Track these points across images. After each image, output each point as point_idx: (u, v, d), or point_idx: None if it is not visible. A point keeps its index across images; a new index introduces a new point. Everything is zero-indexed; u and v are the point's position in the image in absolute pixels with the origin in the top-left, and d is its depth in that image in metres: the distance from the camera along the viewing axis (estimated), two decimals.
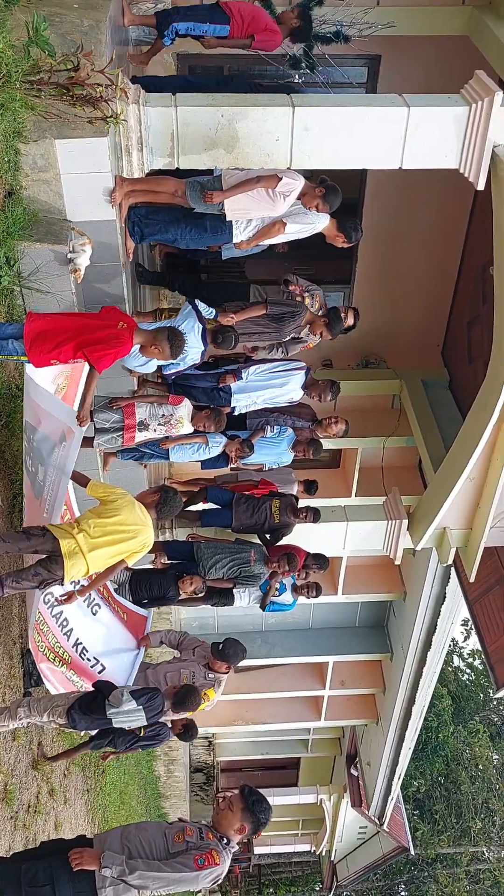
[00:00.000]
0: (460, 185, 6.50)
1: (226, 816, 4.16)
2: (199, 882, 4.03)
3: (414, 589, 11.33)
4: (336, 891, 22.26)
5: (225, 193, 5.67)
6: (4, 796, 5.21)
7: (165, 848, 4.06)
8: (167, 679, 6.34)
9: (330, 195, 5.74)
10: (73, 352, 4.52)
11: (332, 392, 7.09)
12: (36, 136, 5.02)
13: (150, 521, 4.97)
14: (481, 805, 23.68)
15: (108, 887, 3.92)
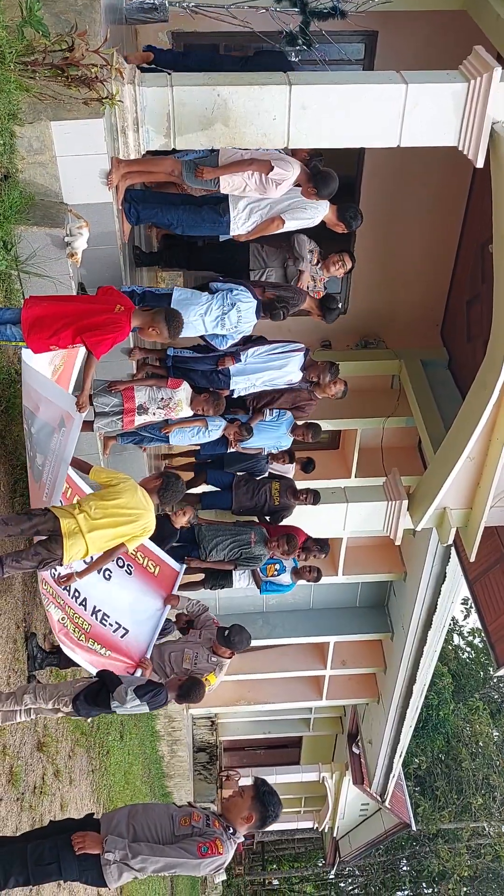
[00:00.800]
0: (459, 163, 6.45)
1: (235, 804, 4.21)
2: (202, 870, 4.07)
3: (414, 569, 11.37)
4: (339, 866, 22.57)
5: (216, 171, 5.64)
6: (10, 778, 5.25)
7: (171, 830, 4.10)
8: (171, 659, 6.37)
9: (322, 188, 5.70)
10: (72, 337, 4.51)
11: (332, 373, 7.07)
12: (31, 118, 4.97)
13: (151, 506, 4.99)
14: (482, 781, 23.93)
15: (113, 865, 3.98)
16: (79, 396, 4.75)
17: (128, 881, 4.18)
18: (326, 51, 7.03)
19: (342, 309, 9.33)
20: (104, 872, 3.97)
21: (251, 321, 6.33)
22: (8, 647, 5.40)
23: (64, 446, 5.05)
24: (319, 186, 5.69)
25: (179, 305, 6.09)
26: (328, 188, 5.72)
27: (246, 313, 6.23)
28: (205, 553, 7.30)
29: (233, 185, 5.73)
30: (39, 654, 5.79)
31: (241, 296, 6.22)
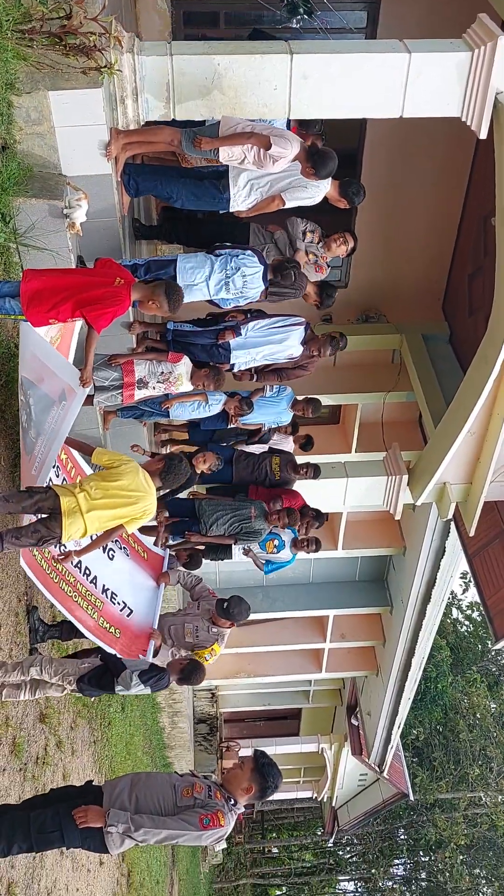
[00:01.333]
0: (462, 134, 6.38)
1: (235, 775, 4.26)
2: (203, 840, 4.13)
3: (414, 543, 11.42)
4: (337, 835, 22.92)
5: (214, 142, 5.56)
6: (13, 749, 5.31)
7: (173, 801, 4.15)
8: (171, 633, 6.41)
9: (321, 169, 5.62)
10: (71, 311, 4.48)
11: (332, 346, 7.03)
12: (29, 88, 4.90)
13: (153, 489, 4.97)
14: (479, 752, 24.23)
15: (115, 835, 4.03)
16: (82, 371, 4.73)
17: (129, 847, 4.26)
18: (328, 19, 6.93)
19: (344, 282, 9.29)
20: (106, 840, 4.03)
21: (257, 286, 6.26)
22: (10, 620, 5.44)
23: (62, 421, 5.02)
24: (318, 167, 5.61)
25: (184, 271, 6.06)
26: (326, 168, 5.64)
27: (251, 278, 6.17)
28: (205, 527, 7.31)
29: (232, 156, 5.67)
30: (41, 626, 5.83)
31: (247, 260, 6.16)
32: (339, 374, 9.05)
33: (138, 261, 6.17)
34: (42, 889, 5.78)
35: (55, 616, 6.25)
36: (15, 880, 5.16)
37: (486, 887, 26.09)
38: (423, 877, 28.56)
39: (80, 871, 7.07)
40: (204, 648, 6.29)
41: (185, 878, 18.18)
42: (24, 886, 5.35)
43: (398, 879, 29.95)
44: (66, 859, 6.54)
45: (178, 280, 6.01)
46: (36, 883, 5.64)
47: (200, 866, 22.70)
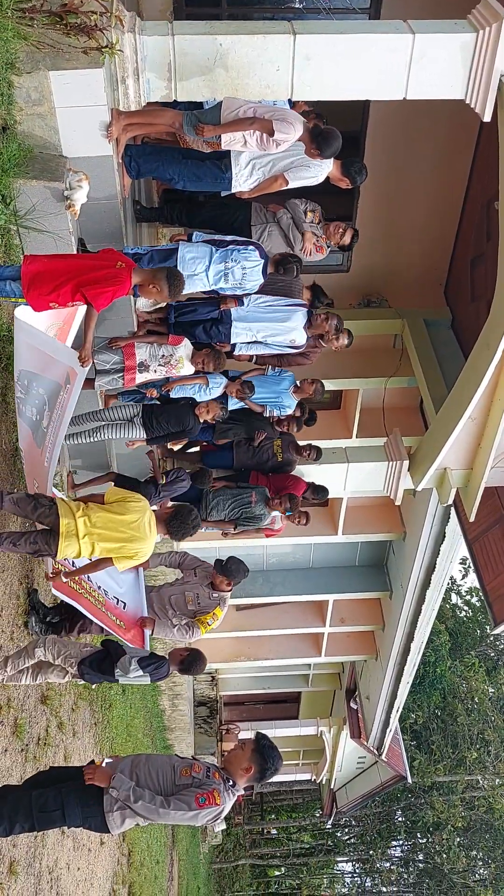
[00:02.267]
0: (465, 118, 6.33)
1: (236, 756, 4.29)
2: (199, 820, 4.16)
3: (414, 529, 11.44)
4: (335, 817, 23.11)
5: (216, 129, 5.52)
6: (15, 730, 5.35)
7: (172, 780, 4.19)
8: (171, 602, 6.37)
9: (325, 149, 5.58)
10: (72, 293, 4.46)
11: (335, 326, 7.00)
12: (29, 68, 4.86)
13: (154, 536, 5.00)
14: (477, 736, 24.40)
15: (115, 811, 4.08)
16: (81, 350, 4.72)
17: (130, 828, 4.28)
18: None
19: (345, 266, 9.25)
20: (107, 819, 4.08)
21: (257, 280, 6.28)
22: (11, 602, 5.47)
23: (66, 404, 5.02)
24: (322, 147, 5.56)
25: (184, 261, 6.04)
26: (331, 148, 5.60)
27: (251, 271, 6.19)
28: (205, 512, 7.33)
29: (233, 140, 5.63)
30: (41, 608, 5.84)
31: (248, 254, 6.17)
32: (340, 359, 9.00)
33: (139, 249, 6.15)
34: (44, 868, 5.84)
35: (56, 599, 6.28)
36: (17, 859, 5.22)
37: (483, 869, 26.38)
38: (421, 858, 28.88)
39: (81, 851, 7.14)
40: (206, 614, 6.29)
41: (185, 858, 18.37)
42: (25, 865, 5.41)
43: (395, 861, 30.29)
44: (67, 839, 6.61)
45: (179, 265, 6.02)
46: (37, 862, 5.70)
47: (200, 847, 22.93)
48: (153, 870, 11.85)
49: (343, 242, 6.82)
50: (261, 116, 5.53)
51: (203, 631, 6.27)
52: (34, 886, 5.58)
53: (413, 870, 29.44)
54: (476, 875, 26.15)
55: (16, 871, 5.16)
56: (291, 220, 6.68)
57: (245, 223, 6.73)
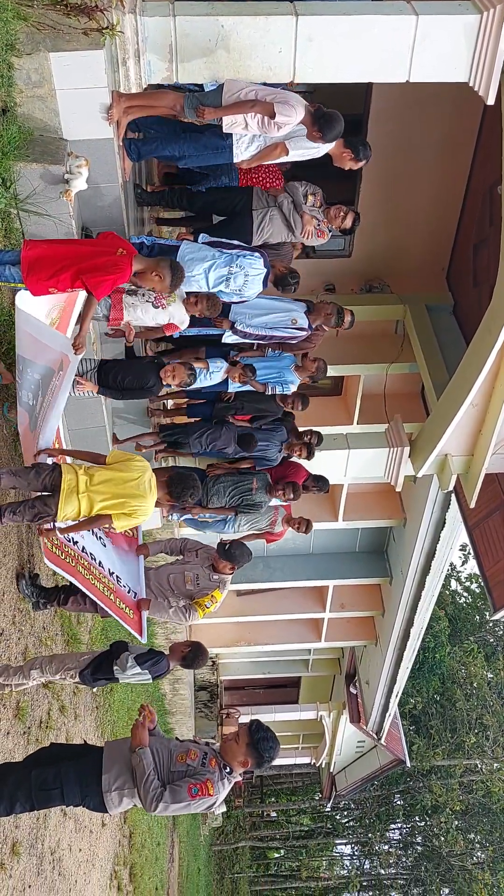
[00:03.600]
0: (469, 101, 6.28)
1: (231, 748, 4.26)
2: (191, 809, 4.18)
3: (414, 515, 11.46)
4: (335, 800, 23.29)
5: (217, 112, 5.44)
6: (17, 713, 5.39)
7: (167, 766, 4.20)
8: (171, 582, 6.34)
9: (328, 132, 5.50)
10: (72, 279, 4.44)
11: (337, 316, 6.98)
12: (29, 49, 4.81)
13: (154, 496, 4.99)
14: (475, 721, 24.56)
15: (114, 792, 4.11)
16: (75, 338, 4.70)
17: (128, 808, 4.31)
18: None
19: (347, 252, 9.21)
20: (105, 799, 4.11)
21: (257, 289, 6.27)
22: (12, 587, 5.49)
23: (58, 389, 5.03)
24: (325, 130, 5.48)
25: (183, 260, 6.01)
26: (334, 130, 5.52)
27: (253, 279, 6.18)
28: (205, 498, 7.32)
29: (234, 123, 5.55)
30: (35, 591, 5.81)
31: (253, 262, 6.15)
32: (341, 345, 8.98)
33: (144, 239, 6.11)
34: (45, 849, 5.89)
35: (57, 582, 6.30)
36: (19, 840, 5.27)
37: (480, 851, 26.62)
38: (419, 841, 29.15)
39: (83, 832, 7.20)
40: (205, 595, 6.27)
41: (186, 840, 18.53)
42: (28, 846, 5.46)
43: (394, 843, 30.58)
44: (68, 820, 6.66)
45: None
46: (40, 843, 5.75)
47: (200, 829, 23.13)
48: (154, 851, 11.96)
49: (344, 226, 6.77)
50: (262, 99, 5.47)
51: (201, 614, 6.25)
52: (36, 867, 5.63)
53: (411, 852, 29.73)
54: (474, 858, 26.40)
55: (18, 851, 5.21)
56: (292, 205, 6.64)
57: (246, 207, 6.68)
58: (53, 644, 6.38)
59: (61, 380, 5.03)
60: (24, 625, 5.65)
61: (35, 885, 5.58)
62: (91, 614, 7.10)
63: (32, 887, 5.52)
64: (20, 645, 5.55)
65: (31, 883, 5.49)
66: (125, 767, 4.18)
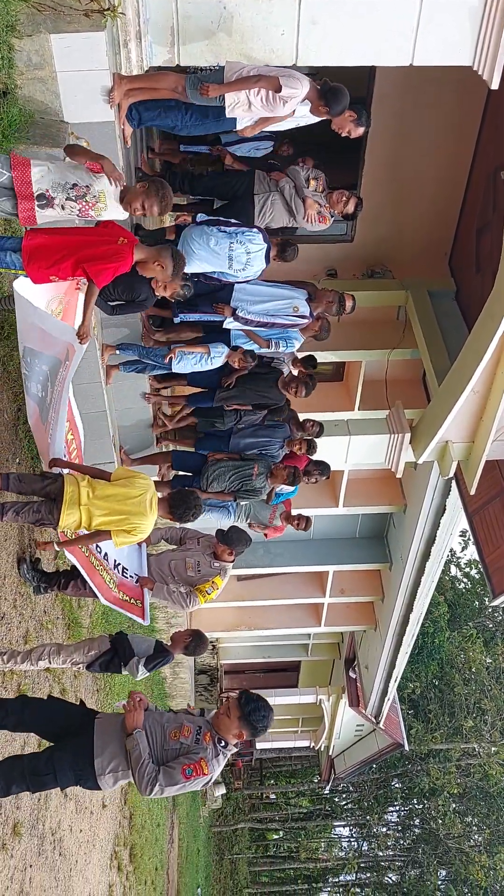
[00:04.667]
0: (473, 84, 6.23)
1: (223, 721, 4.22)
2: (187, 789, 4.18)
3: (414, 501, 11.48)
4: (333, 783, 23.50)
5: (221, 88, 5.37)
6: (18, 691, 5.42)
7: (161, 744, 4.18)
8: (172, 568, 6.38)
9: (335, 105, 5.46)
10: (73, 268, 4.42)
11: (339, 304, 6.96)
12: (30, 31, 4.77)
13: (154, 515, 5.03)
14: (473, 705, 24.71)
15: (107, 774, 4.11)
16: (79, 328, 4.69)
17: (123, 784, 4.35)
18: None
19: (349, 237, 9.17)
20: (99, 781, 4.13)
21: (260, 266, 6.32)
22: (13, 572, 5.51)
23: (65, 378, 5.03)
24: (331, 103, 5.44)
25: (186, 239, 6.04)
26: (340, 104, 5.47)
27: (255, 255, 6.22)
28: (205, 483, 7.33)
29: (238, 102, 5.48)
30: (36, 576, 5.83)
31: (254, 237, 6.21)
32: (343, 331, 8.95)
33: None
34: (46, 830, 5.96)
35: (58, 567, 6.32)
36: (21, 821, 5.32)
37: (478, 834, 26.84)
38: (417, 824, 29.41)
39: (84, 813, 7.27)
40: (205, 582, 6.31)
41: (185, 821, 18.70)
42: (29, 827, 5.51)
43: (392, 826, 30.85)
44: (69, 801, 6.73)
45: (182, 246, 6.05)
46: (41, 824, 5.81)
47: (200, 810, 23.33)
48: (154, 832, 12.08)
49: (347, 211, 6.74)
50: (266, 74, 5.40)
51: (202, 601, 6.29)
52: (37, 847, 5.70)
53: (409, 835, 30.00)
54: (471, 840, 26.63)
55: (20, 832, 5.27)
56: (294, 189, 6.61)
57: (248, 192, 6.66)
58: (54, 628, 6.41)
59: (68, 370, 5.02)
60: (24, 608, 5.68)
61: (36, 864, 5.65)
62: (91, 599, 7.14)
63: (34, 867, 5.58)
64: (21, 629, 5.58)
65: (32, 863, 5.55)
66: (118, 748, 4.15)
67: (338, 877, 32.43)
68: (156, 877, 12.07)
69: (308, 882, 32.92)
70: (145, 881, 10.74)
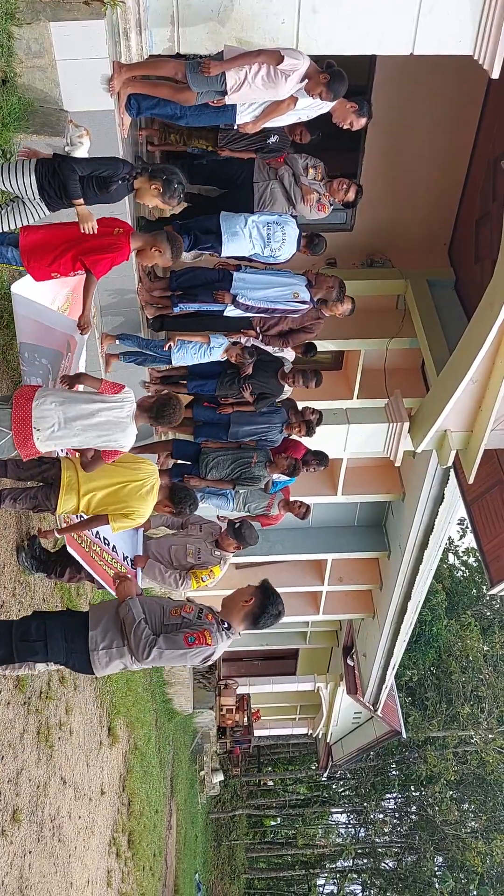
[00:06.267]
0: (473, 74, 6.21)
1: (238, 590, 4.15)
2: (188, 660, 3.98)
3: (413, 490, 11.50)
4: (331, 770, 23.66)
5: (223, 64, 5.27)
6: (17, 683, 5.46)
7: (160, 620, 4.03)
8: (172, 553, 6.39)
9: (335, 82, 5.37)
10: (72, 262, 4.44)
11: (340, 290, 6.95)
12: (29, 18, 4.75)
13: (153, 502, 5.04)
14: (470, 693, 24.85)
15: (101, 650, 3.92)
16: (79, 317, 4.70)
17: (116, 671, 4.14)
18: None
19: (349, 226, 9.16)
20: (91, 658, 3.93)
21: (292, 250, 6.53)
22: (12, 560, 5.54)
23: (68, 370, 5.03)
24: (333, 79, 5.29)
25: (227, 218, 6.27)
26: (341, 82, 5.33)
27: (289, 239, 6.44)
28: (204, 470, 7.34)
29: (239, 80, 5.39)
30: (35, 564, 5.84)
31: (291, 222, 6.48)
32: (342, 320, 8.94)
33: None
34: (46, 816, 6.01)
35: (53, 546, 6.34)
36: (20, 807, 5.37)
37: (474, 821, 27.06)
38: (414, 810, 29.64)
39: (82, 800, 7.33)
40: (205, 568, 6.31)
41: (184, 807, 18.82)
42: (28, 813, 5.56)
43: (389, 812, 31.08)
44: (68, 788, 6.78)
45: (222, 231, 6.33)
46: (40, 810, 5.86)
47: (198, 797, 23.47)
48: (152, 819, 12.16)
49: (347, 199, 6.72)
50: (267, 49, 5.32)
51: (194, 585, 6.28)
52: (37, 834, 5.75)
53: (406, 821, 30.24)
54: (467, 827, 26.84)
55: (19, 818, 5.31)
56: (293, 177, 6.60)
57: (247, 180, 6.64)
58: None
59: (71, 361, 5.03)
60: (24, 597, 5.71)
61: (35, 851, 5.70)
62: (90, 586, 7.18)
63: (33, 853, 5.64)
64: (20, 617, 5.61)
65: (31, 849, 5.60)
66: (113, 625, 3.98)
67: (335, 863, 32.68)
68: (154, 863, 12.18)
69: (305, 868, 33.17)
70: (143, 867, 10.83)
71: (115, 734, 8.96)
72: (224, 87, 5.41)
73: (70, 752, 6.87)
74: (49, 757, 6.12)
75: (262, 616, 4.10)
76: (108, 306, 6.86)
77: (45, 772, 6.02)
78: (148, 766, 11.86)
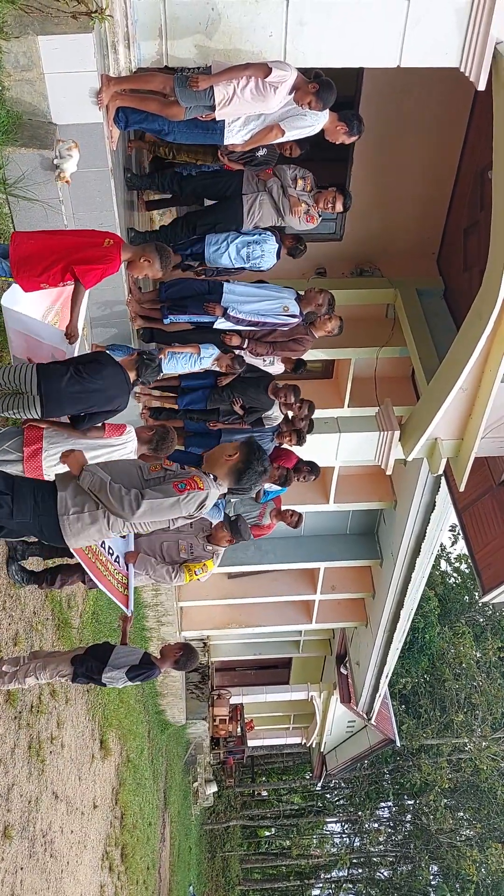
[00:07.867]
0: (460, 86, 6.25)
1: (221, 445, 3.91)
2: (182, 507, 3.73)
3: (404, 497, 11.52)
4: (325, 779, 23.56)
5: (211, 78, 5.30)
6: (8, 697, 5.43)
7: (140, 477, 3.79)
8: (163, 550, 6.32)
9: (324, 91, 5.40)
10: (62, 274, 4.44)
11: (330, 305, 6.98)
12: (17, 32, 4.76)
13: None
14: (464, 700, 24.83)
15: (72, 514, 3.64)
16: (67, 327, 4.69)
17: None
18: None
19: (338, 235, 9.20)
20: (61, 523, 3.62)
21: (271, 262, 6.81)
22: (2, 572, 5.51)
23: None
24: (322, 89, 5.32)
25: (208, 245, 6.62)
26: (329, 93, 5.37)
27: (268, 253, 6.73)
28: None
29: (228, 94, 5.42)
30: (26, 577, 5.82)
31: (268, 238, 6.74)
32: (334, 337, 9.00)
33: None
34: (38, 832, 5.96)
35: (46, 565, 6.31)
36: (11, 823, 5.32)
37: (469, 829, 27.00)
38: (408, 819, 29.55)
39: (75, 814, 7.28)
40: (198, 563, 6.28)
41: (177, 819, 18.71)
42: (19, 829, 5.52)
43: (384, 821, 30.97)
44: (60, 803, 6.73)
45: (206, 249, 6.69)
46: (31, 826, 5.82)
47: (192, 809, 23.34)
48: (145, 832, 12.09)
49: (336, 209, 6.76)
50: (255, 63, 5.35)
51: (187, 579, 6.24)
52: (28, 850, 5.70)
53: (401, 830, 30.13)
54: (462, 835, 26.78)
55: (10, 834, 5.27)
56: (281, 189, 6.62)
57: (236, 192, 6.66)
58: (44, 629, 6.41)
59: None
60: (14, 610, 5.68)
61: (27, 867, 5.66)
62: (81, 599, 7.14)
63: (24, 869, 5.59)
64: (10, 630, 5.58)
65: (23, 865, 5.56)
66: (81, 491, 3.71)
67: (330, 873, 32.55)
68: (147, 876, 12.09)
69: (300, 878, 33.01)
70: (137, 880, 10.76)
71: (107, 747, 8.90)
72: (212, 101, 5.43)
73: (62, 765, 6.83)
74: (41, 771, 6.07)
75: (246, 472, 3.81)
76: (98, 318, 6.86)
77: (37, 786, 5.97)
78: (141, 779, 11.79)
